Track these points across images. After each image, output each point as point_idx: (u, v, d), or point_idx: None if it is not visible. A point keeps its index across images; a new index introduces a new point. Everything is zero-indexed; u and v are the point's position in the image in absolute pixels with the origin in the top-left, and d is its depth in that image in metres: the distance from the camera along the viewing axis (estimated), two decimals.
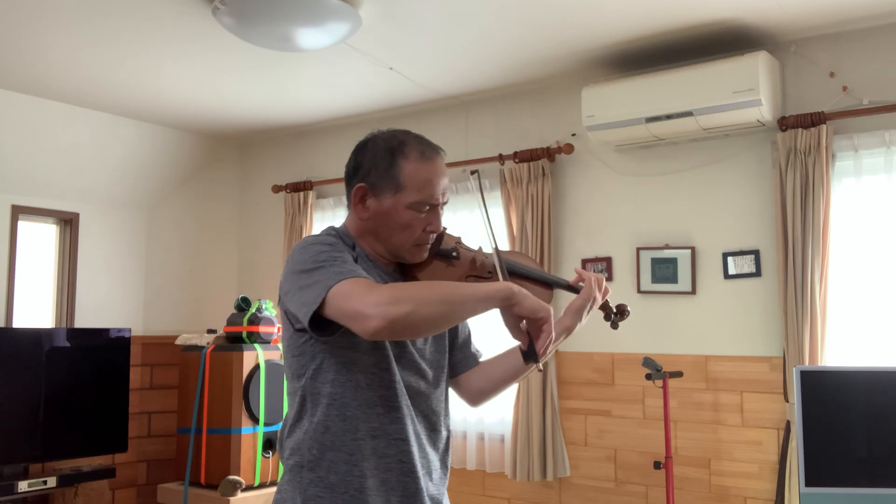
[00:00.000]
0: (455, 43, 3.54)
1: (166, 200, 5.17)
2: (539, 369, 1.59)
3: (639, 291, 3.79)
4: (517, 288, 1.54)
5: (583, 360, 3.95)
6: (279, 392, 4.42)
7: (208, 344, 4.47)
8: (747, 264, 3.54)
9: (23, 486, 3.95)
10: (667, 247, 3.74)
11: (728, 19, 3.27)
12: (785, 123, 3.36)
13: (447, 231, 1.83)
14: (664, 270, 3.73)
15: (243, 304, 4.50)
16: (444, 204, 1.73)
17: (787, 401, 3.34)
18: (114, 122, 4.61)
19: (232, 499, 4.13)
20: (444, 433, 1.79)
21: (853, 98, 3.32)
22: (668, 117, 3.45)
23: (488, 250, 1.85)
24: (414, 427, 1.69)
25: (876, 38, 3.31)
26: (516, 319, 1.56)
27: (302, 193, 4.94)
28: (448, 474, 1.81)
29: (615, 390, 3.85)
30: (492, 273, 1.79)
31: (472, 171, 1.88)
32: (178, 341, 4.65)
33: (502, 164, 4.13)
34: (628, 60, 3.72)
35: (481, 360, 1.93)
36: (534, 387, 3.89)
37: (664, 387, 3.35)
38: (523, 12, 3.20)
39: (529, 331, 1.57)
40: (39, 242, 4.64)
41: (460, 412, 4.19)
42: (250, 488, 4.25)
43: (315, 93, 4.27)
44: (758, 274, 3.51)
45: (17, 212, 4.45)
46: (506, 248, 4.11)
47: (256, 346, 4.39)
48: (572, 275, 1.92)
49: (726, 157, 3.63)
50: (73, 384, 4.31)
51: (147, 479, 4.88)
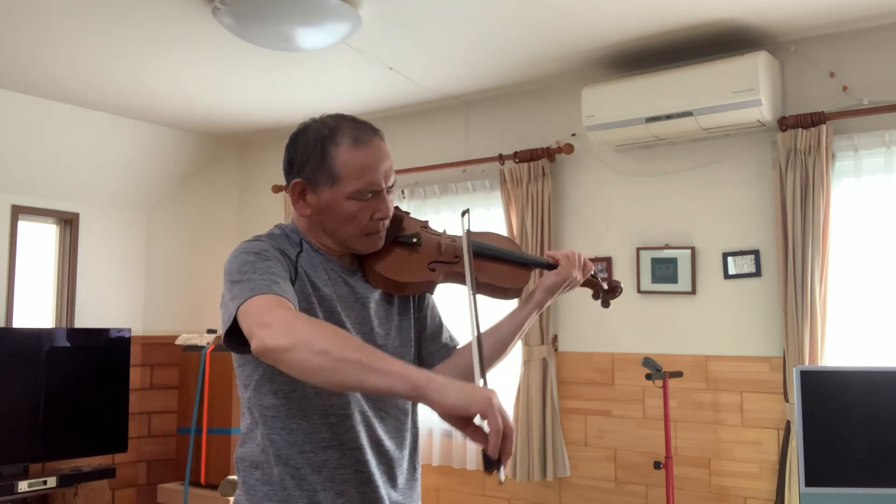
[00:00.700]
0: (455, 43, 3.54)
1: (166, 200, 5.17)
2: (500, 481, 1.17)
3: (639, 291, 3.79)
4: (435, 378, 1.23)
5: (583, 360, 3.95)
6: None
7: (208, 344, 4.47)
8: (747, 264, 3.53)
9: (23, 486, 3.95)
10: (667, 247, 3.74)
11: (728, 19, 3.27)
12: (785, 123, 3.36)
13: (410, 215, 1.72)
14: (664, 270, 3.73)
15: None
16: (391, 188, 1.60)
17: (787, 401, 3.34)
18: (114, 122, 4.61)
19: (232, 499, 4.13)
20: (410, 432, 1.67)
21: (853, 98, 3.32)
22: (668, 117, 3.45)
23: (453, 233, 1.72)
24: (371, 433, 1.57)
25: (876, 38, 3.31)
26: (451, 418, 1.24)
27: None
28: (418, 473, 1.69)
29: (615, 390, 3.85)
30: (458, 258, 1.67)
31: (463, 212, 1.70)
32: (178, 341, 4.66)
33: (502, 164, 4.13)
34: (628, 60, 3.72)
35: (458, 347, 1.80)
36: (534, 387, 3.89)
37: (664, 387, 3.35)
38: (523, 12, 3.20)
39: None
40: (39, 242, 4.64)
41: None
42: None
43: (315, 93, 4.27)
44: (758, 274, 3.51)
45: (17, 212, 4.45)
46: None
47: None
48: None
49: (726, 157, 3.63)
50: (73, 384, 4.31)
51: (147, 479, 4.88)
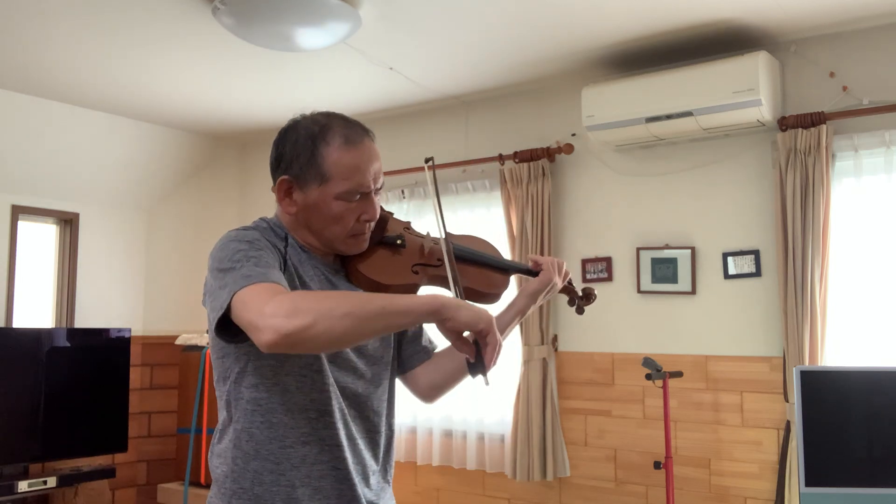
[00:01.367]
0: (455, 43, 3.54)
1: (166, 200, 5.17)
2: (486, 383, 1.43)
3: (639, 291, 3.79)
4: (447, 300, 1.38)
5: (583, 360, 3.95)
6: None
7: (208, 344, 4.47)
8: (747, 264, 3.54)
9: (23, 486, 3.95)
10: (667, 247, 3.74)
11: (728, 19, 3.27)
12: (785, 123, 3.36)
13: (394, 216, 1.71)
14: (664, 270, 3.73)
15: None
16: (379, 189, 1.59)
17: (787, 401, 3.34)
18: (114, 122, 4.61)
19: None
20: (384, 434, 1.67)
21: (853, 98, 3.32)
22: (668, 117, 3.45)
23: (436, 235, 1.74)
24: (348, 431, 1.57)
25: (876, 38, 3.31)
26: (455, 332, 1.42)
27: None
28: (390, 476, 1.69)
29: (615, 390, 3.85)
30: (441, 261, 1.67)
31: (427, 160, 1.71)
32: (178, 341, 4.66)
33: (502, 164, 4.13)
34: (628, 60, 3.72)
35: (436, 351, 1.80)
36: (534, 387, 3.89)
37: (664, 387, 3.35)
38: (523, 12, 3.20)
39: (475, 341, 1.43)
40: (39, 242, 4.64)
41: (460, 412, 4.20)
42: None
43: (315, 93, 4.27)
44: (758, 274, 3.51)
45: (17, 212, 4.45)
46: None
47: None
48: (575, 276, 1.87)
49: (726, 157, 3.63)
50: (73, 384, 4.31)
51: (147, 479, 4.88)
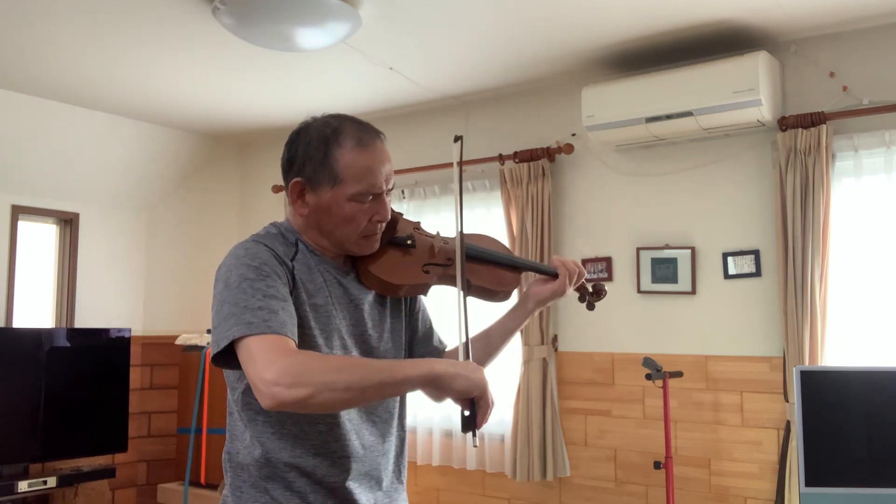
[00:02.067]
0: (455, 43, 3.54)
1: (166, 200, 5.17)
2: (474, 445, 1.47)
3: (639, 291, 3.79)
4: (444, 370, 1.41)
5: (583, 360, 3.95)
6: None
7: (208, 344, 4.47)
8: (747, 264, 3.53)
9: (23, 486, 3.95)
10: (667, 247, 3.74)
11: (728, 19, 3.27)
12: (785, 123, 3.36)
13: (403, 216, 1.71)
14: (664, 270, 3.73)
15: None
16: (390, 190, 1.60)
17: (787, 401, 3.34)
18: (114, 122, 4.61)
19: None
20: (396, 436, 1.68)
21: (853, 98, 3.32)
22: (668, 117, 3.45)
23: (446, 234, 1.74)
24: (360, 439, 1.58)
25: (876, 38, 3.31)
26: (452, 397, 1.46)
27: None
28: (403, 477, 1.71)
29: (615, 390, 3.85)
30: (451, 260, 1.67)
31: (456, 138, 1.70)
32: (178, 341, 4.65)
33: (502, 164, 4.13)
34: (628, 60, 3.72)
35: (446, 350, 1.81)
36: (534, 387, 3.89)
37: (664, 387, 3.35)
38: (523, 12, 3.20)
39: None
40: (39, 242, 4.64)
41: (460, 412, 4.19)
42: None
43: (315, 93, 4.27)
44: (758, 274, 3.51)
45: (17, 212, 4.45)
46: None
47: None
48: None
49: (726, 157, 3.63)
50: (73, 384, 4.31)
51: (147, 479, 4.88)
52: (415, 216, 4.44)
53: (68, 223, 4.70)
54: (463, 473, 4.25)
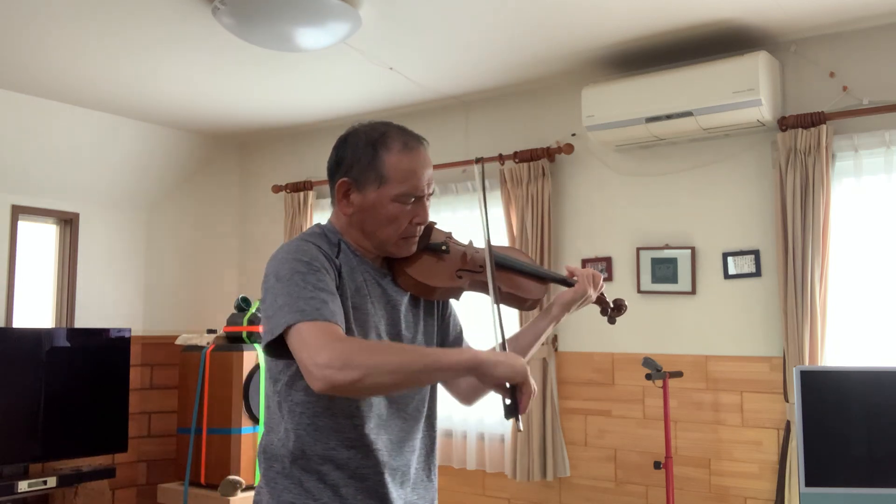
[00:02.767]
0: (455, 43, 3.54)
1: (166, 200, 5.17)
2: (519, 429, 1.53)
3: (639, 291, 3.79)
4: (486, 358, 1.48)
5: (583, 360, 3.95)
6: None
7: (208, 344, 4.47)
8: (747, 264, 3.54)
9: (23, 486, 3.95)
10: (667, 247, 3.74)
11: (728, 19, 3.27)
12: (785, 123, 3.36)
13: (437, 226, 1.79)
14: (664, 270, 3.73)
15: (243, 304, 4.50)
16: (430, 195, 1.69)
17: (787, 401, 3.34)
18: (114, 122, 4.61)
19: (232, 499, 4.12)
20: (427, 436, 1.74)
21: (853, 98, 3.32)
22: (668, 117, 3.45)
23: (478, 245, 1.82)
24: (391, 435, 1.64)
25: (876, 38, 3.31)
26: (494, 384, 1.52)
27: (302, 193, 4.94)
28: (433, 476, 1.76)
29: (615, 390, 3.85)
30: (482, 267, 1.75)
31: (477, 160, 1.86)
32: (178, 341, 4.65)
33: (502, 164, 4.13)
34: (628, 60, 3.72)
35: None
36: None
37: (664, 387, 3.35)
38: (523, 12, 3.20)
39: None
40: (39, 242, 4.64)
41: (460, 412, 4.20)
42: (250, 488, 4.24)
43: (315, 93, 4.27)
44: (758, 274, 3.51)
45: (17, 212, 4.45)
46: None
47: (256, 346, 4.39)
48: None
49: (726, 157, 3.63)
50: (73, 384, 4.31)
51: (147, 479, 4.88)
52: None
53: (68, 223, 4.70)
54: (463, 473, 4.25)
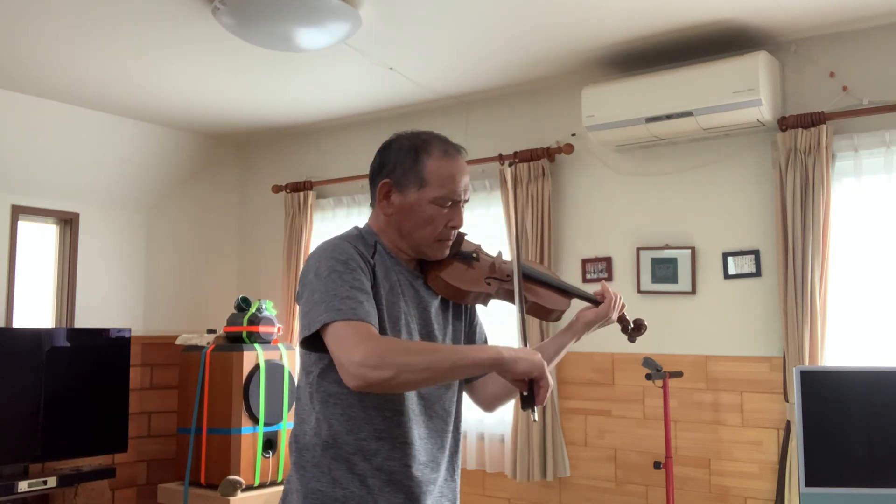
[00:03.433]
0: (455, 43, 3.54)
1: (166, 200, 5.17)
2: (534, 420, 1.63)
3: (639, 291, 3.79)
4: (507, 354, 1.56)
5: (583, 360, 3.95)
6: (279, 392, 4.42)
7: (208, 344, 4.47)
8: (747, 264, 3.54)
9: (23, 486, 3.95)
10: (667, 247, 3.74)
11: (728, 19, 3.27)
12: (785, 123, 3.36)
13: (467, 238, 1.87)
14: (664, 270, 3.73)
15: (243, 304, 4.50)
16: (466, 201, 1.77)
17: (787, 401, 3.34)
18: (114, 122, 4.61)
19: (232, 499, 4.12)
20: (453, 434, 1.80)
21: (853, 98, 3.32)
22: (668, 117, 3.45)
23: (507, 258, 1.91)
24: (420, 430, 1.70)
25: (876, 38, 3.31)
26: (513, 378, 1.61)
27: (302, 193, 4.94)
28: (456, 476, 1.83)
29: (615, 390, 3.85)
30: (510, 277, 1.84)
31: (510, 163, 1.94)
32: (178, 341, 4.65)
33: (502, 164, 4.13)
34: (628, 60, 3.72)
35: None
36: None
37: (664, 387, 3.35)
38: (523, 12, 3.20)
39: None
40: (39, 242, 4.64)
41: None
42: (250, 488, 4.25)
43: (315, 93, 4.27)
44: (758, 274, 3.51)
45: (17, 212, 4.45)
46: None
47: (256, 346, 4.39)
48: (575, 276, 1.97)
49: (726, 157, 3.63)
50: (73, 384, 4.31)
51: (147, 479, 4.88)
52: None
53: (68, 223, 4.70)
54: (463, 473, 4.25)
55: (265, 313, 4.48)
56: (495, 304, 1.90)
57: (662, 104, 3.45)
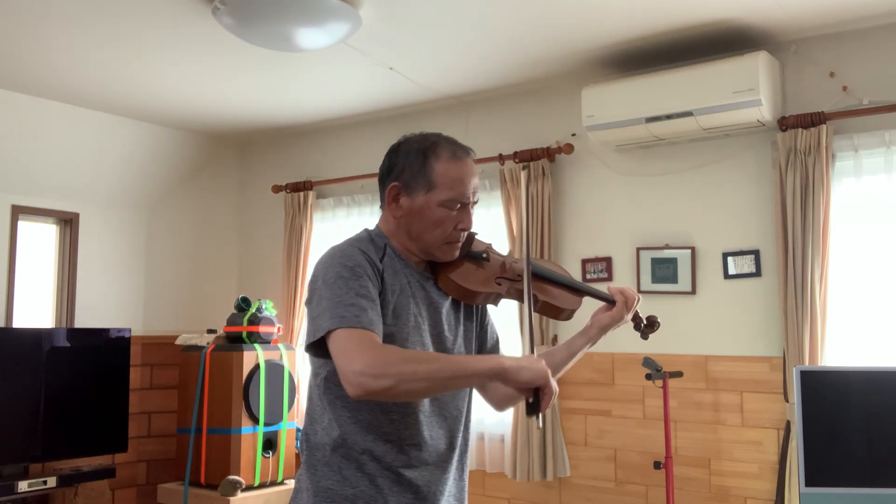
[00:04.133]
0: (455, 43, 3.54)
1: (166, 200, 5.17)
2: (539, 427, 1.61)
3: (639, 291, 3.78)
4: (510, 364, 1.56)
5: (583, 360, 3.91)
6: (279, 392, 4.42)
7: (208, 344, 4.47)
8: (747, 264, 3.54)
9: (23, 486, 3.95)
10: (667, 247, 3.74)
11: (728, 19, 3.27)
12: (785, 123, 3.36)
13: (477, 237, 1.86)
14: (664, 270, 3.73)
15: (243, 304, 4.50)
16: (475, 203, 1.77)
17: (787, 401, 3.34)
18: (114, 122, 4.61)
19: (232, 499, 4.12)
20: (463, 434, 1.81)
21: (853, 98, 3.32)
22: (668, 117, 3.45)
23: (517, 257, 1.90)
24: (432, 431, 1.71)
25: (876, 38, 3.31)
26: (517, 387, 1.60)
27: (302, 193, 4.94)
28: (465, 476, 1.83)
29: (615, 390, 3.85)
30: (520, 276, 1.83)
31: (524, 167, 1.92)
32: (178, 341, 4.65)
33: (502, 164, 4.13)
34: (628, 60, 3.72)
35: None
36: None
37: (664, 387, 3.35)
38: (523, 12, 3.20)
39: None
40: (39, 242, 4.64)
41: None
42: (250, 488, 4.25)
43: (315, 93, 4.27)
44: (758, 274, 3.51)
45: (17, 212, 4.45)
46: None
47: (256, 346, 4.39)
48: (575, 276, 1.97)
49: (726, 157, 3.63)
50: (73, 384, 4.31)
51: (147, 479, 4.88)
52: None
53: (68, 223, 4.70)
54: None
55: (265, 313, 4.48)
56: (506, 304, 1.88)
57: (662, 104, 3.45)
